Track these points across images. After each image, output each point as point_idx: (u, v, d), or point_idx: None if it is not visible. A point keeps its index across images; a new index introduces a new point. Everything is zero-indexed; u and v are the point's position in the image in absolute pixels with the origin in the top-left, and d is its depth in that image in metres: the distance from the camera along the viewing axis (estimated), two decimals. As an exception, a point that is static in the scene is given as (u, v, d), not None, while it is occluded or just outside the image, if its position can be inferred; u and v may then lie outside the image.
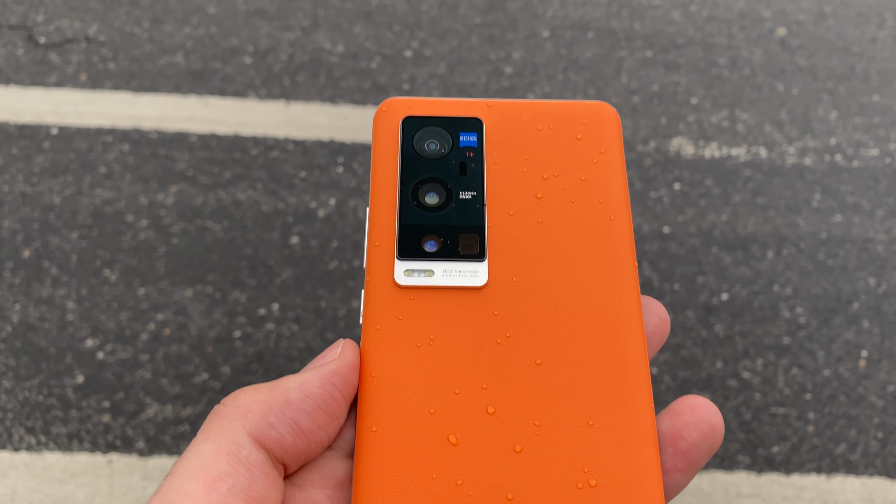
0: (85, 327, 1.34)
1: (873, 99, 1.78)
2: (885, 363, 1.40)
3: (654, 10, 1.91)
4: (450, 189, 0.36)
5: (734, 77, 1.79)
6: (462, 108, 0.38)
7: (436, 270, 0.34)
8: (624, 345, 0.32)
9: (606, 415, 0.31)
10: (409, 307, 0.33)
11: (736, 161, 1.65)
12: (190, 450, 0.28)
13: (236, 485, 0.27)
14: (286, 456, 0.29)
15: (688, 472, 0.31)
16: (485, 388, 0.31)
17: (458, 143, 0.37)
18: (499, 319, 0.33)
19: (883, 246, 1.54)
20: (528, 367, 0.32)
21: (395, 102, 0.38)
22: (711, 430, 0.31)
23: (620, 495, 0.29)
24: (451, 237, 0.34)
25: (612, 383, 0.31)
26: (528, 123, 0.37)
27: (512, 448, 0.30)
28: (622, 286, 0.34)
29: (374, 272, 0.34)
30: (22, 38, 1.71)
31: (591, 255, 0.34)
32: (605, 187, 0.36)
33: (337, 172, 1.55)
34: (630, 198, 1.55)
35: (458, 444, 0.30)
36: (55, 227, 1.45)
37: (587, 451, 0.30)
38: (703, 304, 1.44)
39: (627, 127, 1.68)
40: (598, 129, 0.37)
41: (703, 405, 0.31)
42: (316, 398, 0.30)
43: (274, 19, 1.79)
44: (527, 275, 0.34)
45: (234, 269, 1.42)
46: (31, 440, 1.24)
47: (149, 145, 1.56)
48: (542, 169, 0.36)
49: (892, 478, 1.28)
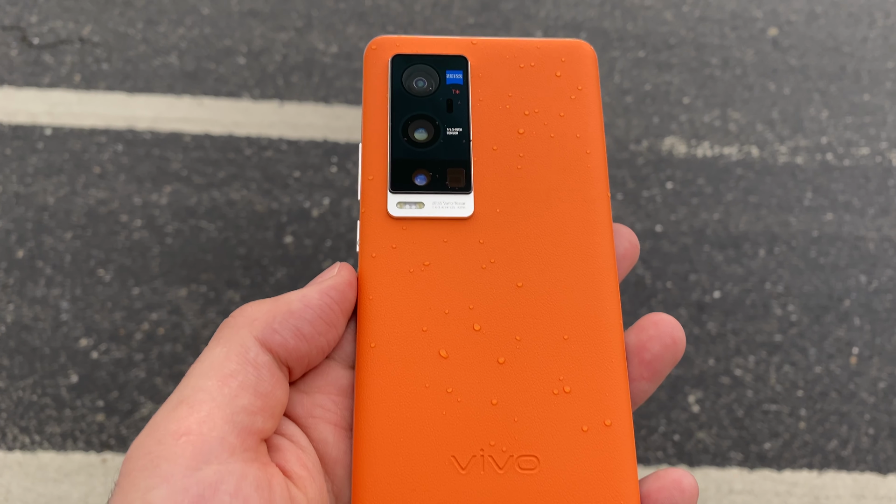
0: (79, 327, 1.34)
1: (864, 98, 1.79)
2: (876, 360, 1.41)
3: (646, 10, 1.92)
4: (437, 125, 0.38)
5: (726, 77, 1.80)
6: (447, 47, 0.39)
7: (426, 202, 0.36)
8: (596, 268, 0.35)
9: (579, 330, 0.34)
10: (401, 236, 0.35)
11: (728, 160, 1.66)
12: (203, 355, 0.31)
13: (245, 381, 0.30)
14: (290, 359, 0.32)
15: (652, 380, 0.35)
16: (471, 308, 0.35)
17: (445, 80, 0.38)
18: (484, 247, 0.36)
19: (874, 244, 1.55)
20: (511, 289, 0.35)
21: (384, 41, 0.39)
22: (673, 343, 0.34)
23: (592, 400, 0.33)
24: (440, 171, 0.37)
25: (585, 302, 0.35)
26: (511, 61, 0.39)
27: (496, 360, 0.34)
28: (596, 215, 0.37)
29: (369, 204, 0.36)
30: (16, 39, 1.72)
31: (569, 187, 0.37)
32: (582, 123, 0.38)
33: (331, 172, 1.56)
34: (623, 196, 1.56)
35: (448, 357, 0.34)
36: (49, 227, 1.45)
37: (562, 362, 0.34)
38: (696, 302, 1.45)
39: (620, 126, 1.69)
40: (575, 67, 0.39)
41: (666, 320, 0.35)
42: (316, 308, 0.33)
43: (268, 20, 1.80)
44: (509, 206, 0.36)
45: (229, 269, 1.42)
46: (25, 439, 1.24)
47: (143, 145, 1.57)
48: (524, 105, 0.38)
49: (882, 473, 1.29)
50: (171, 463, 0.28)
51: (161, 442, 0.28)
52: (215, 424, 0.29)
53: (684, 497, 0.32)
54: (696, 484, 0.33)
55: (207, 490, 0.27)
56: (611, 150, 1.65)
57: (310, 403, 0.34)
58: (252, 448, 0.30)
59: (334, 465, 0.33)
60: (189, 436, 0.28)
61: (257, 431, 0.30)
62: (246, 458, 0.29)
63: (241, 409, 0.30)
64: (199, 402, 0.29)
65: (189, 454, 0.28)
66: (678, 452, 1.29)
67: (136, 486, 0.27)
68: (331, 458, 0.33)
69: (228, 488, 0.28)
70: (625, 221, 1.54)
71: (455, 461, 0.32)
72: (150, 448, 0.28)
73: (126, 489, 0.28)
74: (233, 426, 0.29)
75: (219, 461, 0.28)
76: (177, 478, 0.27)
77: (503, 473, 0.32)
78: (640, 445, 1.29)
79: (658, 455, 1.28)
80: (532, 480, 0.32)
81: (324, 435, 0.33)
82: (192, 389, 0.30)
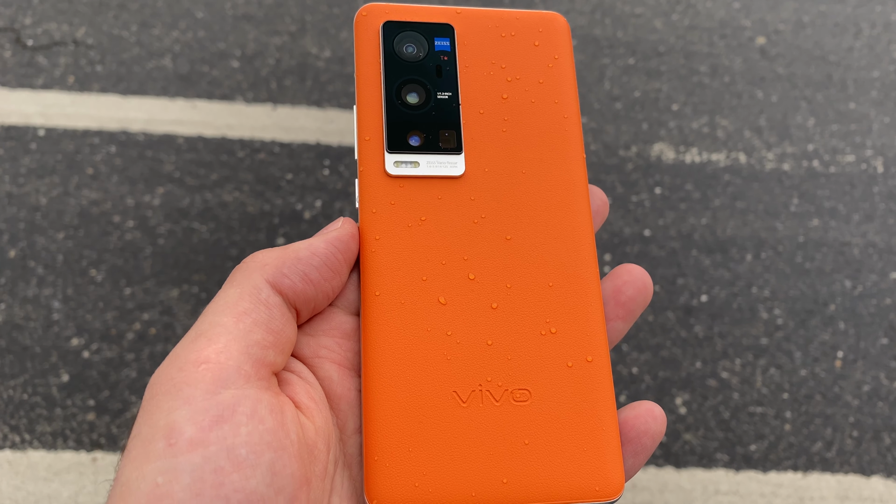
0: (70, 326, 1.35)
1: (850, 107, 1.82)
2: (861, 363, 1.43)
3: (636, 18, 1.94)
4: (429, 90, 0.40)
5: (714, 84, 1.83)
6: (434, 14, 0.42)
7: (420, 162, 0.39)
8: (575, 222, 0.39)
9: (562, 278, 0.38)
10: (399, 193, 0.38)
11: (716, 166, 1.68)
12: (217, 296, 0.34)
13: (258, 318, 0.33)
14: (297, 301, 0.35)
15: (627, 319, 0.39)
16: (466, 259, 0.38)
17: (434, 47, 0.41)
18: (475, 203, 0.39)
19: (858, 249, 1.58)
20: (500, 241, 0.38)
21: (373, 7, 0.42)
22: (645, 287, 0.39)
23: (575, 339, 0.37)
24: (433, 133, 0.40)
25: (566, 253, 0.39)
26: (493, 30, 0.42)
27: (489, 305, 0.37)
28: (574, 174, 0.40)
29: (367, 163, 0.39)
30: (9, 41, 1.72)
31: (549, 148, 0.40)
32: (559, 89, 0.41)
33: (323, 175, 1.57)
34: (612, 201, 1.58)
35: (446, 303, 0.37)
36: (41, 227, 1.46)
37: (548, 306, 0.38)
38: (683, 306, 1.47)
39: (610, 132, 1.71)
40: (552, 37, 0.42)
41: (638, 270, 0.39)
42: (322, 256, 0.36)
43: (261, 24, 1.81)
44: (497, 165, 0.40)
45: (220, 270, 1.43)
46: (15, 438, 1.24)
47: (136, 147, 1.57)
48: (506, 72, 0.41)
49: (866, 475, 1.31)
50: (193, 387, 0.30)
51: (182, 369, 0.31)
52: (231, 355, 0.31)
53: (656, 422, 0.37)
54: (664, 413, 0.37)
55: (226, 411, 0.30)
56: (600, 155, 1.67)
57: (316, 345, 0.36)
58: (265, 378, 0.32)
59: (339, 400, 0.36)
60: (208, 364, 0.31)
61: (269, 364, 0.33)
62: (260, 385, 0.32)
63: (254, 343, 0.32)
64: (216, 336, 0.32)
65: (209, 379, 0.30)
66: (665, 454, 1.30)
67: (160, 408, 0.30)
68: (336, 394, 0.36)
69: (245, 410, 0.30)
70: (614, 225, 1.56)
71: (457, 395, 0.36)
72: (172, 375, 0.31)
73: (150, 411, 0.30)
74: (247, 357, 0.32)
75: (236, 386, 0.31)
76: (198, 400, 0.30)
77: (500, 405, 0.36)
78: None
79: (645, 456, 1.30)
80: (525, 410, 0.36)
81: (329, 373, 0.36)
82: (209, 325, 0.32)
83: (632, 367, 1.38)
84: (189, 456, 0.28)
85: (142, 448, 0.29)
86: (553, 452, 0.35)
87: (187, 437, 0.29)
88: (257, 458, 0.29)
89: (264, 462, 0.29)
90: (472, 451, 0.35)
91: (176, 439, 0.29)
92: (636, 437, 0.36)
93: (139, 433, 0.30)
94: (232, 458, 0.29)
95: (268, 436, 0.30)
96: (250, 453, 0.29)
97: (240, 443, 0.29)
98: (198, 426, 0.29)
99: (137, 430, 0.30)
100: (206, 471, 0.28)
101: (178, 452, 0.28)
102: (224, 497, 0.28)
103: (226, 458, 0.29)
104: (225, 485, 0.28)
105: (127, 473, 0.29)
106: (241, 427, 0.30)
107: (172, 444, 0.29)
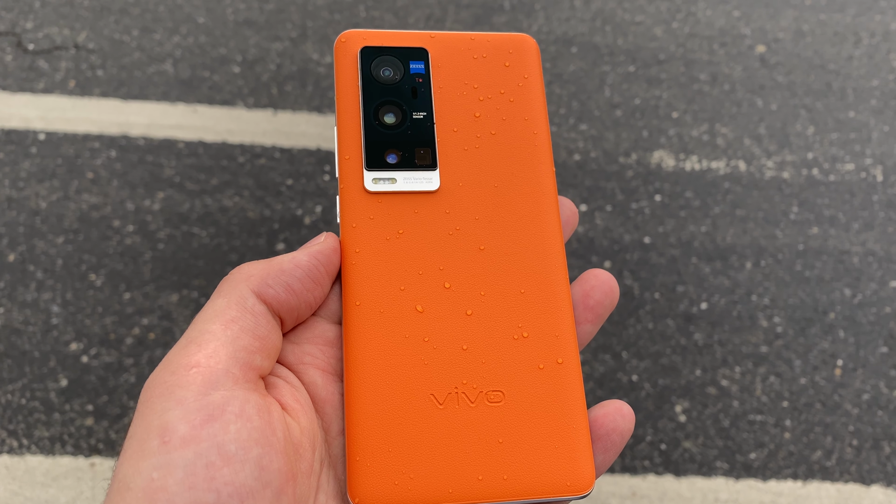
0: (69, 331, 1.35)
1: (849, 115, 1.82)
2: (860, 372, 1.43)
3: (636, 26, 1.95)
4: (405, 110, 0.43)
5: (714, 92, 1.83)
6: (409, 39, 0.44)
7: (398, 178, 0.41)
8: (545, 233, 0.41)
9: (533, 285, 0.40)
10: (377, 209, 0.41)
11: (715, 174, 1.68)
12: (206, 305, 0.36)
13: (245, 325, 0.35)
14: (281, 310, 0.37)
15: (595, 322, 0.41)
16: (441, 269, 0.40)
17: (409, 70, 0.43)
18: (449, 216, 0.41)
19: (858, 258, 1.58)
20: (474, 252, 0.40)
21: (352, 34, 0.44)
22: (612, 291, 0.41)
23: (546, 343, 0.39)
24: (409, 151, 0.42)
25: (537, 262, 0.41)
26: (465, 53, 0.44)
27: (464, 312, 0.39)
28: (544, 187, 0.42)
29: (347, 181, 0.41)
30: (11, 45, 1.72)
31: (520, 163, 0.42)
32: (529, 107, 0.44)
33: (323, 180, 1.57)
34: (612, 208, 1.58)
35: (423, 311, 0.39)
36: (41, 231, 1.45)
37: (520, 312, 0.40)
38: (683, 313, 1.47)
39: (610, 140, 1.71)
40: (522, 58, 0.45)
41: (605, 274, 0.41)
42: (304, 268, 0.38)
43: (262, 30, 1.82)
44: (470, 180, 0.42)
45: (220, 275, 1.43)
46: (13, 443, 1.24)
47: (136, 152, 1.57)
48: (478, 92, 0.44)
49: (866, 484, 1.31)
50: (184, 389, 0.32)
51: (174, 373, 0.33)
52: (220, 359, 0.33)
53: (625, 420, 0.38)
54: (633, 411, 0.39)
55: (216, 411, 0.32)
56: (600, 162, 1.67)
57: (300, 352, 0.38)
58: (253, 380, 0.34)
59: (323, 404, 0.38)
60: (198, 367, 0.33)
61: (256, 367, 0.35)
62: (248, 387, 0.34)
63: (242, 348, 0.34)
64: (205, 342, 0.34)
65: (199, 382, 0.32)
66: (664, 461, 1.30)
67: (153, 410, 0.32)
68: (320, 398, 0.38)
69: (234, 409, 0.32)
70: (613, 233, 1.56)
71: (434, 398, 0.38)
72: (164, 378, 0.33)
73: (144, 413, 0.32)
74: (235, 361, 0.34)
75: (225, 388, 0.33)
76: (189, 401, 0.32)
77: (474, 406, 0.38)
78: (627, 454, 1.30)
79: (645, 464, 1.29)
80: (499, 411, 0.38)
81: (314, 378, 0.38)
82: (198, 332, 0.34)
83: (631, 375, 1.38)
84: (182, 452, 0.30)
85: (137, 446, 0.31)
86: (526, 450, 0.37)
87: (180, 434, 0.31)
88: (246, 454, 0.31)
89: (252, 457, 0.31)
90: (449, 450, 0.37)
91: (170, 437, 0.31)
92: (605, 435, 0.38)
93: (135, 433, 0.32)
94: (222, 453, 0.31)
95: (255, 433, 0.32)
96: (239, 449, 0.31)
97: (229, 440, 0.31)
98: (190, 425, 0.31)
99: (133, 431, 0.32)
100: (198, 466, 0.30)
101: (171, 449, 0.30)
102: (215, 490, 0.30)
103: (216, 454, 0.31)
104: (216, 478, 0.30)
105: (124, 470, 0.31)
106: (231, 425, 0.31)
107: (166, 442, 0.31)
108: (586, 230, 1.55)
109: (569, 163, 1.66)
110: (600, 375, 1.38)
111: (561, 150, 1.68)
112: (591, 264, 1.50)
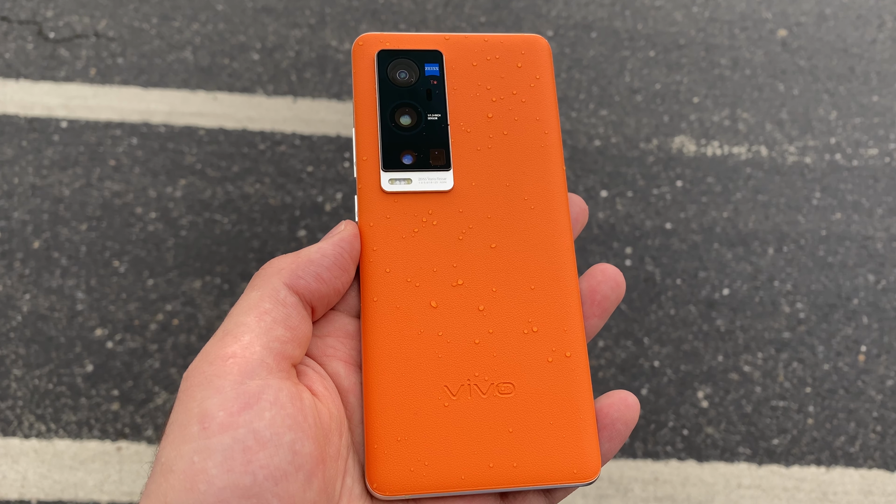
0: (94, 317, 1.36)
1: (873, 99, 1.80)
2: (884, 358, 1.42)
3: (656, 10, 1.93)
4: (420, 112, 0.44)
5: (735, 77, 1.81)
6: (424, 42, 0.45)
7: (413, 178, 0.42)
8: (555, 230, 0.43)
9: (543, 281, 0.42)
10: (393, 208, 0.42)
11: (737, 159, 1.67)
12: (241, 298, 0.38)
13: (278, 317, 0.37)
14: (313, 299, 0.39)
15: (602, 316, 0.43)
16: (455, 266, 0.41)
17: (424, 72, 0.44)
18: (463, 215, 0.42)
19: (882, 243, 1.56)
20: (486, 249, 0.42)
21: (369, 38, 0.45)
22: (618, 286, 0.43)
23: (554, 337, 0.41)
24: (424, 152, 0.43)
25: (547, 259, 0.42)
26: (479, 54, 0.45)
27: (477, 308, 0.41)
28: (554, 186, 0.43)
29: (364, 181, 0.42)
30: (32, 33, 1.73)
31: (531, 162, 0.43)
32: (540, 107, 0.45)
33: (343, 167, 1.57)
34: (633, 194, 1.57)
35: (437, 307, 0.40)
36: (65, 218, 1.47)
37: (530, 307, 0.41)
38: (705, 299, 1.46)
39: (630, 125, 1.70)
40: (534, 59, 0.45)
41: (611, 269, 0.42)
42: (330, 257, 0.39)
43: (281, 17, 1.81)
44: (483, 179, 0.43)
45: (243, 262, 1.44)
46: (41, 427, 1.25)
47: (157, 139, 1.58)
48: (491, 93, 0.45)
49: (890, 470, 1.30)
50: (222, 378, 0.34)
51: (212, 364, 0.34)
52: (255, 350, 0.35)
53: (630, 410, 0.40)
54: (638, 401, 0.41)
55: (252, 398, 0.34)
56: (621, 148, 1.66)
57: (323, 345, 0.40)
58: (285, 369, 0.36)
59: (346, 393, 0.39)
60: (235, 358, 0.35)
61: (288, 357, 0.36)
62: (281, 376, 0.35)
63: (275, 339, 0.36)
64: (241, 333, 0.36)
65: (236, 371, 0.34)
66: (687, 447, 1.30)
67: (193, 398, 0.34)
68: (343, 387, 0.39)
69: (269, 397, 0.34)
70: (635, 219, 1.55)
71: (447, 389, 0.39)
72: (203, 369, 0.34)
73: (185, 401, 0.34)
74: (269, 351, 0.36)
75: (260, 377, 0.34)
76: (227, 389, 0.34)
77: (486, 397, 0.39)
78: (650, 440, 1.30)
79: (667, 449, 1.29)
80: (509, 402, 0.39)
81: (336, 369, 0.40)
82: (234, 325, 0.36)
83: (653, 361, 1.38)
84: (220, 437, 0.32)
85: (179, 432, 0.33)
86: (535, 439, 0.39)
87: (218, 421, 0.33)
88: (280, 439, 0.33)
89: (286, 442, 0.33)
90: (462, 439, 0.38)
91: (209, 423, 0.33)
92: (611, 424, 0.40)
93: (176, 419, 0.34)
94: (258, 438, 0.33)
95: (288, 419, 0.34)
96: (273, 434, 0.33)
97: (264, 426, 0.33)
98: (227, 412, 0.33)
99: (174, 417, 0.34)
100: (235, 450, 0.32)
101: (210, 434, 0.32)
102: (251, 472, 0.32)
103: (252, 439, 0.33)
104: (252, 462, 0.32)
105: (167, 454, 0.33)
106: (265, 412, 0.33)
107: (206, 428, 0.32)
108: (607, 216, 1.55)
109: (589, 148, 1.65)
110: (622, 361, 1.38)
111: (581, 135, 1.67)
112: (613, 250, 1.50)
